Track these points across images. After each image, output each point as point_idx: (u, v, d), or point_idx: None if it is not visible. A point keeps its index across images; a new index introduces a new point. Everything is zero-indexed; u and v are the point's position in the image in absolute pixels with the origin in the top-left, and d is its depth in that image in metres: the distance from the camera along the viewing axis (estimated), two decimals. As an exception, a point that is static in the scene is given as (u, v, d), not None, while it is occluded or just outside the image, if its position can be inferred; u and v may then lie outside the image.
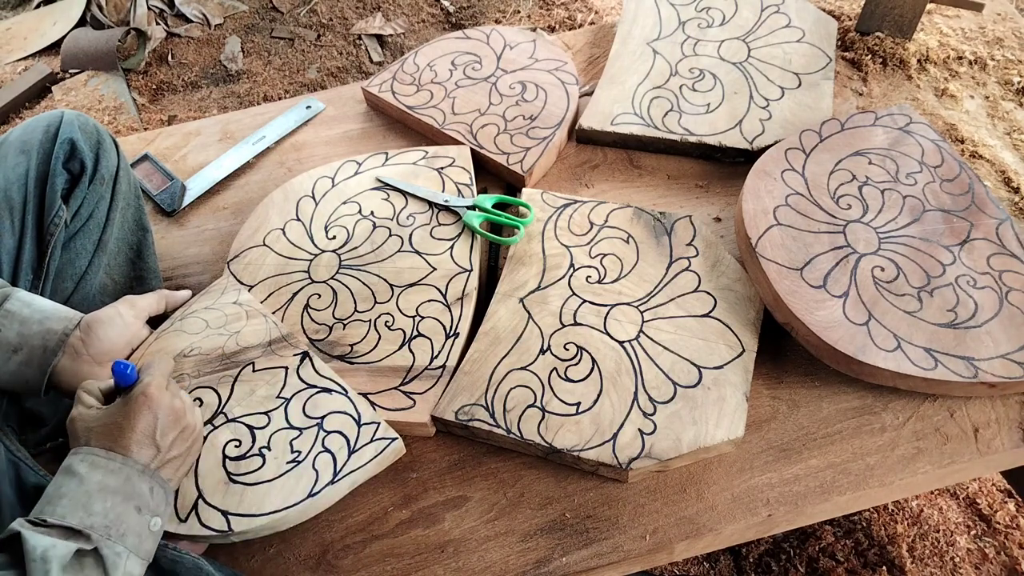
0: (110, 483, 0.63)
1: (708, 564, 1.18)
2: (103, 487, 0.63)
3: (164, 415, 0.68)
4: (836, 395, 0.86)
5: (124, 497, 0.63)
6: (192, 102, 1.95)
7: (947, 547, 1.17)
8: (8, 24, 2.14)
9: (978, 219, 0.92)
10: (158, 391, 0.69)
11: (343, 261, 0.96)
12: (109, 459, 0.64)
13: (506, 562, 0.77)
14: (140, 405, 0.67)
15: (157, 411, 0.68)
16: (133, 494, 0.64)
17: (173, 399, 0.70)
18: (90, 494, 0.62)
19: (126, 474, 0.64)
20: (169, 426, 0.69)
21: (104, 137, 0.91)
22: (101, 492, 0.62)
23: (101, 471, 0.64)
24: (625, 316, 0.88)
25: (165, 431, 0.68)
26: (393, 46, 2.06)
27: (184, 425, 0.70)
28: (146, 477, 0.66)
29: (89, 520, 0.61)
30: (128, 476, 0.64)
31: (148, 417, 0.67)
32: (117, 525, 0.62)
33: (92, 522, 0.61)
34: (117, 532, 0.61)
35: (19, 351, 0.74)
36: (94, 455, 0.64)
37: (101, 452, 0.65)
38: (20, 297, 0.76)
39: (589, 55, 1.26)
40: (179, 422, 0.70)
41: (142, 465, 0.66)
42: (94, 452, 0.65)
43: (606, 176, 1.09)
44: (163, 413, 0.68)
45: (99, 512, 0.61)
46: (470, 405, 0.82)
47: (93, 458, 0.64)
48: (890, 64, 1.21)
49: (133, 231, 0.97)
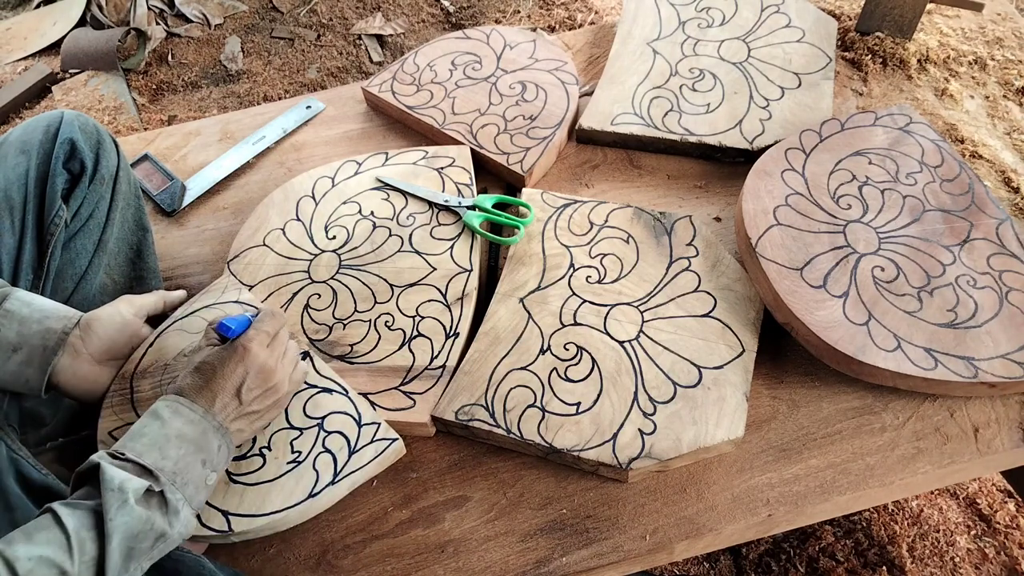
0: (187, 432, 0.67)
1: (708, 564, 1.18)
2: (181, 434, 0.67)
3: (255, 371, 0.72)
4: (836, 395, 0.86)
5: (196, 448, 0.67)
6: (192, 102, 1.95)
7: (947, 547, 1.17)
8: (8, 24, 2.14)
9: (978, 219, 0.92)
10: (257, 347, 0.73)
11: (343, 261, 0.96)
12: (192, 410, 0.68)
13: (506, 562, 0.77)
14: (237, 356, 0.71)
15: (249, 366, 0.72)
16: (204, 447, 0.68)
17: (268, 358, 0.73)
18: (168, 438, 0.66)
19: (203, 428, 0.68)
20: (257, 382, 0.72)
21: (104, 137, 0.91)
22: (178, 439, 0.66)
23: (182, 419, 0.67)
24: (625, 316, 0.88)
25: (251, 386, 0.72)
26: (393, 46, 2.06)
27: (271, 385, 0.74)
28: (219, 434, 0.69)
29: (162, 463, 0.64)
30: (204, 430, 0.68)
31: (240, 369, 0.71)
32: (183, 473, 0.65)
33: (164, 465, 0.64)
34: (182, 480, 0.65)
35: (19, 350, 0.74)
36: (178, 403, 0.68)
37: (186, 402, 0.68)
38: (19, 296, 0.76)
39: (589, 55, 1.26)
40: (267, 380, 0.73)
41: (218, 422, 0.69)
42: (179, 400, 0.68)
43: (606, 176, 1.09)
44: (254, 369, 0.72)
45: (172, 457, 0.65)
46: (470, 405, 0.82)
47: (177, 405, 0.68)
48: (890, 64, 1.21)
49: (133, 231, 0.97)
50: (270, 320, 0.76)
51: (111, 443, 0.79)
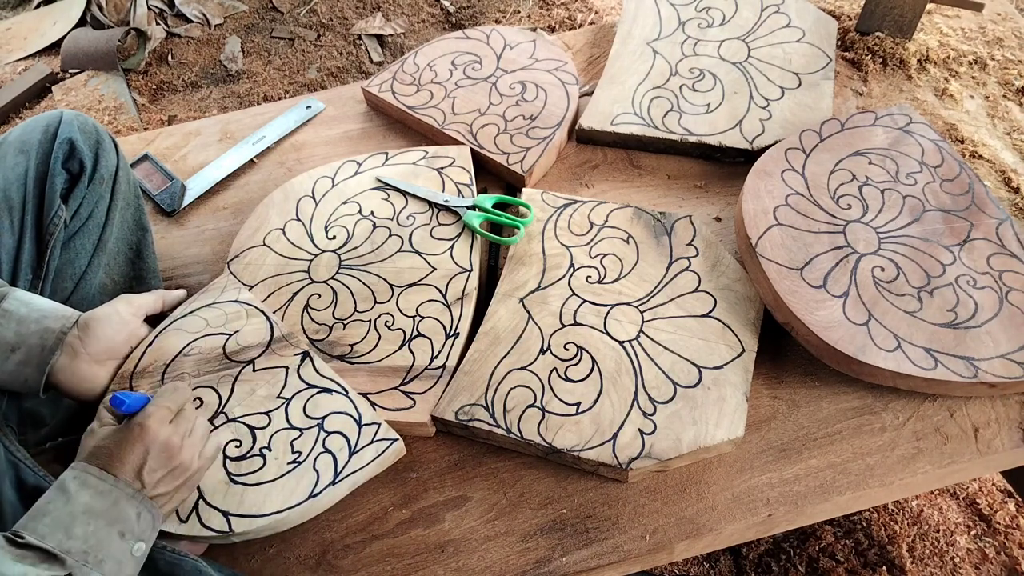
0: (96, 505, 0.62)
1: (708, 564, 1.18)
2: (88, 509, 0.62)
3: (156, 450, 0.67)
4: (836, 395, 0.86)
5: (108, 521, 0.62)
6: (192, 102, 1.95)
7: (947, 547, 1.17)
8: (8, 24, 2.14)
9: (978, 219, 0.92)
10: (156, 423, 0.67)
11: (343, 261, 0.96)
12: (101, 479, 0.63)
13: (506, 562, 0.77)
14: (135, 436, 0.66)
15: (150, 445, 0.66)
16: (119, 518, 0.63)
17: (172, 435, 0.68)
18: (74, 516, 0.61)
19: (114, 497, 0.63)
20: (159, 462, 0.67)
21: (103, 137, 0.91)
22: (86, 514, 0.61)
23: (90, 491, 0.63)
24: (625, 316, 0.88)
25: (154, 467, 0.66)
26: (393, 46, 2.06)
27: (176, 464, 0.68)
28: (135, 502, 0.64)
29: (68, 544, 0.59)
30: (116, 499, 0.63)
31: (139, 449, 0.66)
32: (96, 551, 0.60)
33: (70, 546, 0.59)
34: (95, 558, 0.60)
35: (17, 350, 0.74)
36: (87, 472, 0.64)
37: (95, 471, 0.64)
38: (18, 296, 0.76)
39: (589, 55, 1.26)
40: (171, 460, 0.67)
41: (132, 489, 0.64)
42: (88, 470, 0.64)
43: (606, 176, 1.09)
44: (156, 448, 0.67)
45: (79, 536, 0.60)
46: (470, 405, 0.82)
47: (85, 476, 0.63)
48: (890, 64, 1.21)
49: (133, 231, 0.97)
50: (171, 395, 0.71)
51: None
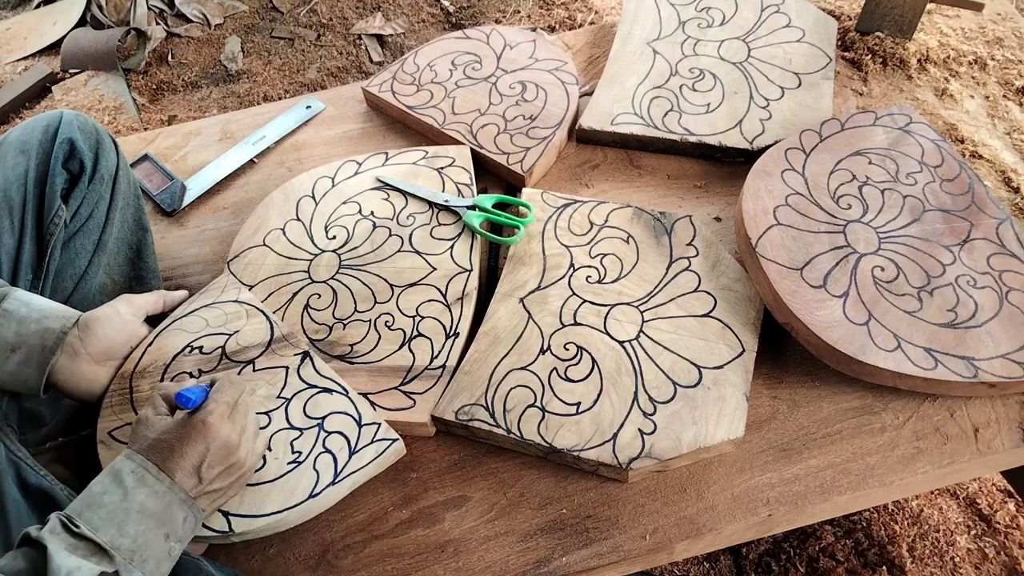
0: (150, 506, 0.63)
1: (708, 564, 1.18)
2: (143, 508, 0.62)
3: (216, 448, 0.67)
4: (836, 395, 0.86)
5: (158, 523, 0.63)
6: (192, 102, 1.95)
7: (947, 547, 1.17)
8: (8, 24, 2.14)
9: (978, 219, 0.92)
10: (218, 420, 0.68)
11: (343, 261, 0.96)
12: (158, 480, 0.64)
13: (506, 562, 0.77)
14: (196, 432, 0.67)
15: (211, 443, 0.67)
16: (168, 521, 0.64)
17: (231, 432, 0.69)
18: (128, 512, 0.62)
19: (168, 500, 0.64)
20: (217, 459, 0.68)
21: (103, 137, 0.91)
22: (139, 513, 0.62)
23: (146, 490, 0.63)
24: (625, 316, 0.88)
25: (212, 464, 0.67)
26: (393, 46, 2.06)
27: (233, 461, 0.69)
28: (185, 507, 0.65)
29: (119, 541, 0.60)
30: (169, 503, 0.64)
31: (200, 446, 0.66)
32: (142, 551, 0.61)
33: (120, 543, 0.60)
34: (140, 558, 0.61)
35: (17, 350, 0.74)
36: (146, 470, 0.64)
37: (153, 469, 0.64)
38: (18, 296, 0.76)
39: (589, 55, 1.26)
40: (228, 457, 0.68)
41: (185, 494, 0.65)
42: (146, 466, 0.64)
43: (606, 176, 1.09)
44: (216, 446, 0.67)
45: (130, 535, 0.61)
46: (470, 405, 0.82)
47: (143, 472, 0.64)
48: (890, 64, 1.21)
49: (133, 231, 0.97)
50: (229, 388, 0.71)
51: (111, 443, 0.79)
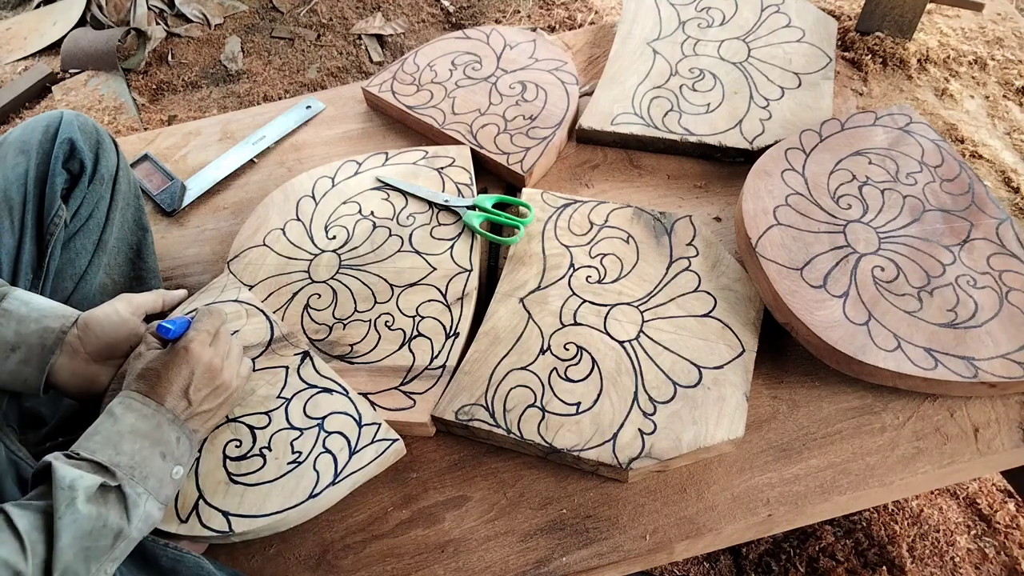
0: (141, 427, 0.67)
1: (708, 564, 1.18)
2: (134, 429, 0.67)
3: (200, 371, 0.72)
4: (836, 395, 0.86)
5: (152, 442, 0.67)
6: (192, 102, 1.95)
7: (947, 547, 1.17)
8: (8, 24, 2.14)
9: (978, 219, 0.92)
10: (199, 347, 0.72)
11: (343, 261, 0.96)
12: (144, 404, 0.68)
13: (506, 562, 0.77)
14: (179, 358, 0.71)
15: (195, 366, 0.71)
16: (161, 440, 0.68)
17: (213, 357, 0.73)
18: (121, 434, 0.66)
19: (157, 421, 0.68)
20: (203, 382, 0.72)
21: (103, 137, 0.91)
22: (132, 434, 0.66)
23: (135, 414, 0.67)
24: (625, 316, 0.88)
25: (199, 386, 0.71)
26: (393, 46, 2.06)
27: (219, 383, 0.73)
28: (175, 427, 0.69)
29: (117, 458, 0.64)
30: (159, 423, 0.68)
31: (185, 371, 0.71)
32: (141, 467, 0.65)
33: (119, 460, 0.64)
34: (140, 474, 0.65)
35: (17, 349, 0.74)
36: (131, 398, 0.68)
37: (138, 397, 0.68)
38: (18, 296, 0.76)
39: (589, 55, 1.26)
40: (214, 379, 0.73)
41: (172, 415, 0.69)
42: (132, 396, 0.69)
43: (606, 176, 1.09)
44: (200, 369, 0.72)
45: (127, 452, 0.65)
46: (470, 405, 0.82)
47: (130, 401, 0.68)
48: (890, 64, 1.21)
49: (133, 231, 0.97)
50: (208, 318, 0.75)
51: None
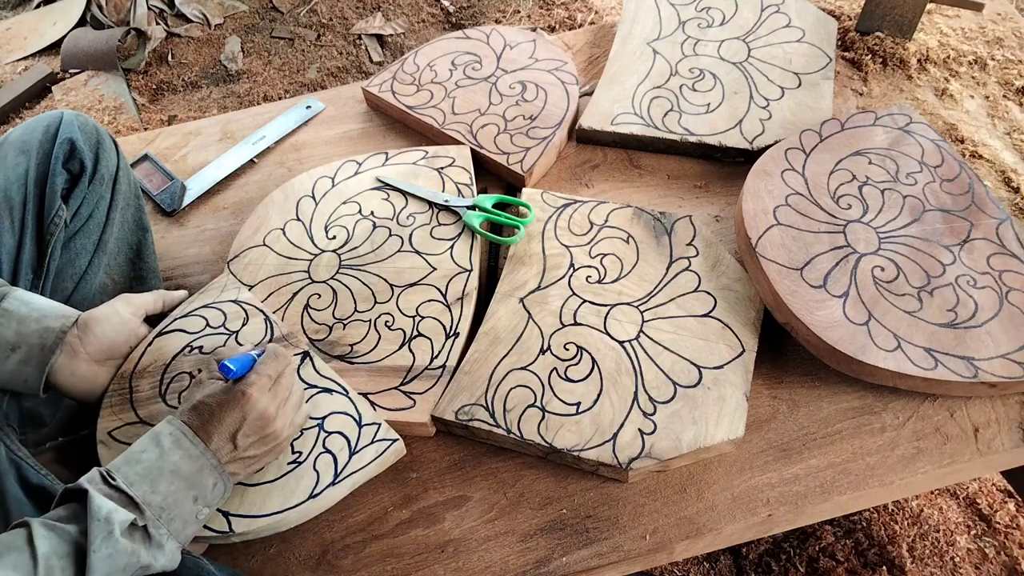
0: (183, 467, 0.66)
1: (708, 564, 1.18)
2: (176, 469, 0.66)
3: (253, 417, 0.70)
4: (836, 395, 0.86)
5: (189, 485, 0.66)
6: (192, 102, 1.95)
7: (947, 547, 1.17)
8: (8, 24, 2.14)
9: (978, 219, 0.92)
10: (257, 392, 0.71)
11: (343, 261, 0.96)
12: (193, 444, 0.67)
13: (506, 562, 0.77)
14: (236, 400, 0.70)
15: (248, 412, 0.70)
16: (198, 484, 0.67)
17: (269, 404, 0.71)
18: (162, 471, 0.65)
19: (200, 464, 0.67)
20: (253, 429, 0.71)
21: (104, 137, 0.91)
22: (172, 473, 0.66)
23: (181, 452, 0.67)
24: (625, 316, 0.88)
25: (248, 432, 0.70)
26: (393, 46, 2.06)
27: (269, 432, 0.72)
28: (216, 472, 0.68)
29: (151, 497, 0.64)
30: (202, 467, 0.67)
31: (237, 415, 0.70)
32: (170, 509, 0.65)
33: (152, 500, 0.64)
34: (168, 516, 0.64)
35: (17, 349, 0.74)
36: (183, 434, 0.67)
37: (189, 433, 0.68)
38: (18, 296, 0.76)
39: (589, 55, 1.26)
40: (264, 428, 0.71)
41: (217, 460, 0.68)
42: (183, 430, 0.68)
43: (606, 176, 1.09)
44: (253, 415, 0.70)
45: (162, 492, 0.65)
46: (470, 405, 0.82)
47: (180, 436, 0.67)
48: (890, 64, 1.21)
49: (133, 231, 0.97)
50: (273, 362, 0.74)
51: (110, 443, 0.79)
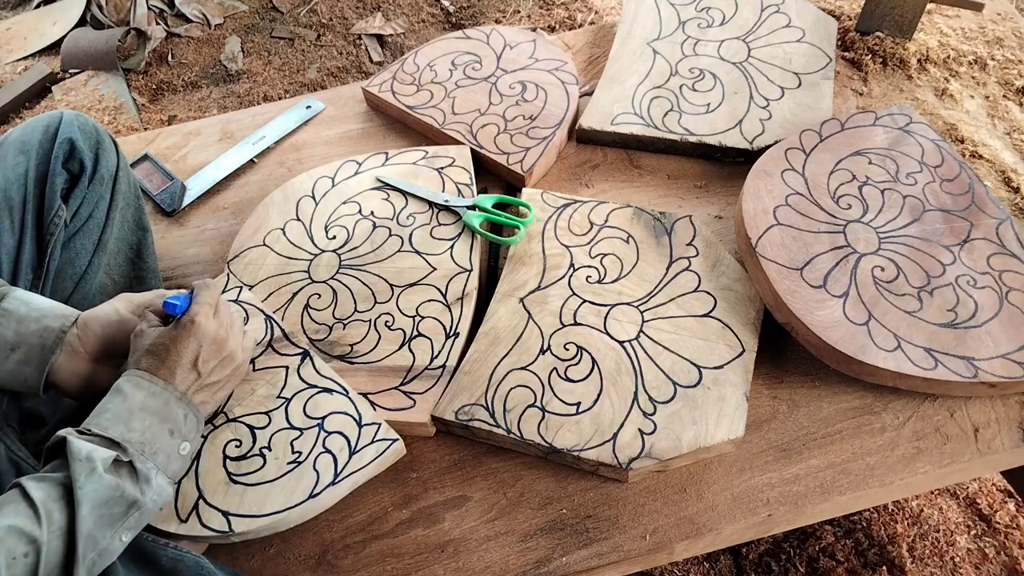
0: (150, 404, 0.68)
1: (708, 564, 1.18)
2: (144, 407, 0.68)
3: (208, 343, 0.73)
4: (836, 395, 0.86)
5: (161, 419, 0.68)
6: (192, 102, 1.95)
7: (947, 547, 1.17)
8: (8, 24, 2.14)
9: (978, 219, 0.92)
10: (205, 320, 0.73)
11: (343, 261, 0.96)
12: (152, 382, 0.69)
13: (506, 562, 0.77)
14: (187, 332, 0.72)
15: (202, 339, 0.72)
16: (169, 417, 0.69)
17: (219, 328, 0.74)
18: (131, 411, 0.67)
19: (165, 398, 0.69)
20: (211, 354, 0.73)
21: (103, 137, 0.91)
22: (141, 411, 0.68)
23: (144, 392, 0.69)
24: (625, 316, 0.88)
25: (207, 358, 0.73)
26: (393, 46, 2.06)
27: (226, 354, 0.75)
28: (183, 404, 0.70)
29: (128, 435, 0.66)
30: (167, 400, 0.69)
31: (193, 344, 0.72)
32: (151, 443, 0.67)
33: (130, 437, 0.66)
34: (150, 449, 0.67)
35: (17, 349, 0.74)
36: (139, 377, 0.69)
37: (146, 375, 0.69)
38: (17, 296, 0.76)
39: (589, 55, 1.26)
40: (221, 350, 0.74)
41: (180, 392, 0.70)
42: (140, 374, 0.69)
43: (606, 176, 1.09)
44: (207, 341, 0.73)
45: (137, 429, 0.67)
46: (470, 405, 0.82)
47: (138, 379, 0.69)
48: (890, 64, 1.21)
49: (133, 231, 0.97)
50: (207, 291, 0.76)
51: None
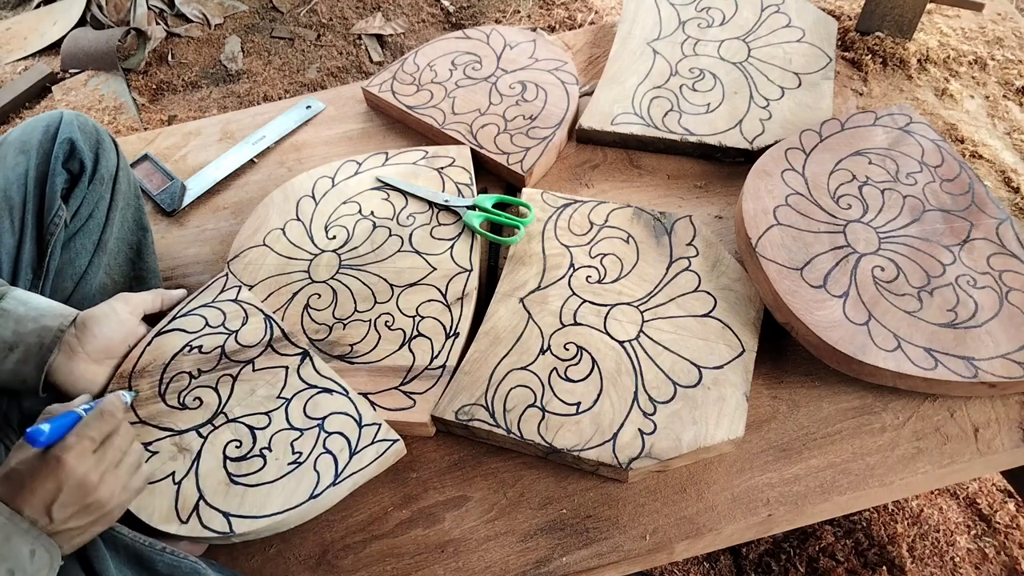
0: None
1: (708, 564, 1.18)
2: None
3: (70, 486, 0.61)
4: (836, 395, 0.86)
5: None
6: (192, 102, 1.95)
7: (947, 547, 1.17)
8: (8, 24, 2.14)
9: (978, 219, 0.92)
10: (75, 458, 0.62)
11: (343, 261, 0.96)
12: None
13: (506, 562, 0.77)
14: (49, 469, 0.61)
15: (64, 481, 0.61)
16: (9, 556, 0.57)
17: (90, 471, 0.62)
18: None
19: (7, 532, 0.58)
20: (71, 499, 0.61)
21: (103, 137, 0.91)
22: None
23: None
24: (625, 316, 0.88)
25: (65, 503, 0.61)
26: (393, 46, 2.06)
27: (90, 501, 0.62)
28: (29, 538, 0.58)
29: None
30: (8, 535, 0.57)
31: (50, 485, 0.60)
32: None
33: None
34: None
35: (15, 349, 0.74)
36: None
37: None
38: (16, 295, 0.76)
39: (589, 55, 1.26)
40: (85, 497, 0.62)
41: (29, 524, 0.59)
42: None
43: (606, 176, 1.09)
44: (70, 483, 0.61)
45: None
46: (470, 405, 0.82)
47: None
48: (890, 64, 1.21)
49: (133, 231, 0.97)
50: (98, 422, 0.65)
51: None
